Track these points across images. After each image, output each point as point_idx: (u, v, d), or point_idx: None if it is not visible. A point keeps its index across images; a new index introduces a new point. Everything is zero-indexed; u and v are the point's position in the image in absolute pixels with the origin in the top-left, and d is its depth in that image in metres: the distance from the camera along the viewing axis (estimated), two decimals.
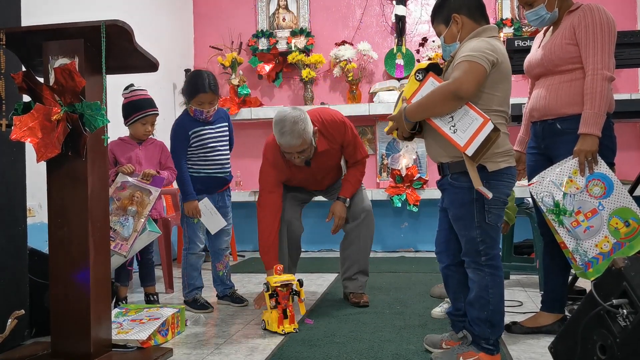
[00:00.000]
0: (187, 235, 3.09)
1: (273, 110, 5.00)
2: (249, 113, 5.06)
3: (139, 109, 2.97)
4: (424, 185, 4.85)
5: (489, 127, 1.90)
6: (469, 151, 1.91)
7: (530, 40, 2.85)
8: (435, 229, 2.26)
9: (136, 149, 3.00)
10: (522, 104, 2.72)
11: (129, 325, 2.42)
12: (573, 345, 1.80)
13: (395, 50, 5.11)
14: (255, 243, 5.29)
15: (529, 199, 3.07)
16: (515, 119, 3.15)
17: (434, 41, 4.99)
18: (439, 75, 2.05)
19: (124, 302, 3.00)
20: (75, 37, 2.09)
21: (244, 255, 5.02)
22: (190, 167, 3.03)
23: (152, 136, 3.09)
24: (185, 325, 2.71)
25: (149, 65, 2.27)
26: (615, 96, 2.51)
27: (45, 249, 2.37)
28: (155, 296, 3.16)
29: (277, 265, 2.68)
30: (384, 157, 5.13)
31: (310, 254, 4.95)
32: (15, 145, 2.37)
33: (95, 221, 2.15)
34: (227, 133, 3.13)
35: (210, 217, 3.05)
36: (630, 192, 2.65)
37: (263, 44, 5.27)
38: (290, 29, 5.29)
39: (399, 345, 2.34)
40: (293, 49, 5.16)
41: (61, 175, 2.14)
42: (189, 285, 3.08)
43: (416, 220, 5.09)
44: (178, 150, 3.00)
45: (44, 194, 2.17)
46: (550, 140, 2.38)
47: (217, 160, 3.07)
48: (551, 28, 2.44)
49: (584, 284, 2.93)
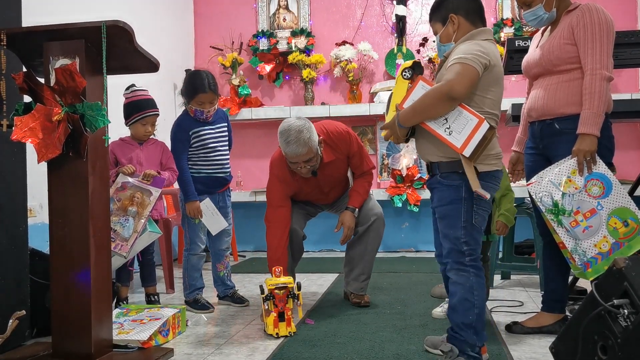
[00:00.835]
0: (188, 236, 3.09)
1: (274, 110, 5.02)
2: (250, 113, 5.06)
3: (139, 109, 2.97)
4: (425, 186, 4.85)
5: (485, 127, 1.90)
6: (467, 152, 1.91)
7: (531, 40, 2.85)
8: None
9: (137, 149, 3.00)
10: (522, 104, 2.72)
11: (130, 326, 2.42)
12: (574, 346, 1.80)
13: (395, 50, 5.11)
14: (256, 243, 5.35)
15: (528, 199, 3.07)
16: (516, 119, 3.16)
17: (434, 41, 4.98)
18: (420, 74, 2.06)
19: (124, 303, 3.00)
20: (76, 38, 2.09)
21: (245, 256, 5.02)
22: (190, 168, 3.03)
23: (153, 136, 3.09)
24: (186, 325, 2.71)
25: (149, 65, 2.28)
26: (616, 96, 2.51)
27: (46, 249, 2.38)
28: (156, 296, 3.16)
29: (276, 267, 2.65)
30: (384, 157, 5.14)
31: (310, 254, 4.94)
32: (16, 146, 2.37)
33: (96, 221, 2.15)
34: (227, 133, 3.13)
35: (212, 218, 3.05)
36: (631, 193, 2.65)
37: (263, 44, 5.28)
38: (291, 29, 5.29)
39: (400, 345, 2.34)
40: (293, 49, 5.17)
41: (62, 175, 2.14)
42: (190, 285, 3.08)
43: (417, 220, 5.09)
44: (179, 151, 3.01)
45: (45, 194, 2.17)
46: (549, 140, 2.38)
47: (218, 160, 3.07)
48: (549, 28, 2.44)
49: (585, 284, 2.93)
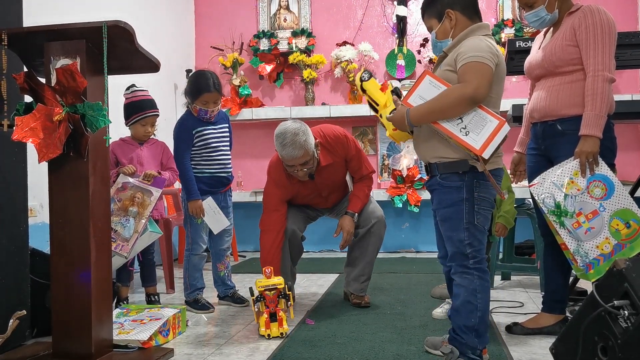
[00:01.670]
0: (190, 236, 3.09)
1: (274, 111, 5.02)
2: (250, 113, 5.07)
3: (138, 109, 2.97)
4: (425, 187, 4.85)
5: (506, 129, 1.86)
6: (486, 154, 1.86)
7: (531, 41, 2.85)
8: None
9: (137, 149, 3.00)
10: (524, 104, 2.71)
11: (130, 326, 2.42)
12: (574, 347, 1.80)
13: (396, 51, 5.11)
14: (256, 243, 5.30)
15: (530, 200, 3.07)
16: (517, 119, 3.16)
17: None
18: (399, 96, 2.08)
19: (125, 303, 3.00)
20: (77, 38, 2.09)
21: (245, 256, 5.02)
22: (193, 167, 3.02)
23: (154, 136, 3.09)
24: (186, 325, 2.71)
25: (150, 65, 2.28)
26: (616, 97, 2.51)
27: (46, 249, 2.38)
28: (156, 296, 3.16)
29: (266, 268, 2.62)
30: (385, 158, 5.14)
31: (311, 255, 4.95)
32: (16, 146, 2.37)
33: (97, 221, 2.15)
34: (228, 133, 3.14)
35: (214, 217, 3.04)
36: (632, 194, 2.64)
37: (264, 45, 5.28)
38: (292, 30, 5.29)
39: (400, 345, 2.34)
40: (294, 49, 5.17)
41: (62, 175, 2.14)
42: (191, 285, 3.08)
43: (417, 220, 5.09)
44: (182, 149, 3.00)
45: (46, 194, 2.17)
46: (551, 141, 2.38)
47: (220, 160, 3.07)
48: (551, 29, 2.44)
49: (585, 285, 2.93)
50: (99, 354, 2.14)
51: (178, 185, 3.12)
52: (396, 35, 5.15)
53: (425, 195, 4.79)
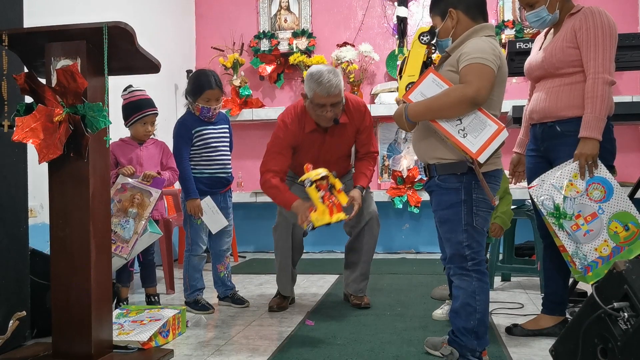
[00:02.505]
0: (190, 236, 3.09)
1: (274, 111, 5.01)
2: (251, 114, 5.07)
3: (138, 109, 2.97)
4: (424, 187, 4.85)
5: (504, 135, 1.86)
6: (482, 158, 1.86)
7: (532, 43, 2.84)
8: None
9: (137, 149, 3.00)
10: (523, 106, 2.71)
11: (130, 326, 2.42)
12: (574, 348, 1.80)
13: (396, 52, 5.10)
14: (256, 244, 5.34)
15: (529, 201, 3.07)
16: (517, 121, 3.16)
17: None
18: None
19: (125, 303, 3.00)
20: (78, 39, 2.10)
21: (245, 257, 5.02)
22: (193, 168, 3.03)
23: (153, 136, 3.09)
24: (186, 326, 2.71)
25: (151, 66, 2.28)
26: (616, 99, 2.50)
27: (46, 249, 2.38)
28: (156, 297, 3.16)
29: (307, 165, 2.51)
30: (385, 159, 5.14)
31: (311, 255, 4.94)
32: (17, 146, 2.37)
33: (97, 222, 2.15)
34: (228, 134, 3.14)
35: (212, 216, 3.04)
36: (631, 195, 2.65)
37: (265, 45, 5.28)
38: (292, 30, 5.29)
39: (400, 347, 2.34)
40: (295, 50, 5.17)
41: (63, 176, 2.14)
42: (191, 286, 3.08)
43: (417, 221, 5.09)
44: (181, 149, 3.01)
45: (46, 195, 2.18)
46: (550, 142, 2.38)
47: (220, 160, 3.07)
48: (552, 30, 2.44)
49: (585, 286, 2.92)
50: (98, 355, 2.14)
51: (178, 185, 3.12)
52: (397, 36, 5.15)
53: (426, 196, 4.79)
